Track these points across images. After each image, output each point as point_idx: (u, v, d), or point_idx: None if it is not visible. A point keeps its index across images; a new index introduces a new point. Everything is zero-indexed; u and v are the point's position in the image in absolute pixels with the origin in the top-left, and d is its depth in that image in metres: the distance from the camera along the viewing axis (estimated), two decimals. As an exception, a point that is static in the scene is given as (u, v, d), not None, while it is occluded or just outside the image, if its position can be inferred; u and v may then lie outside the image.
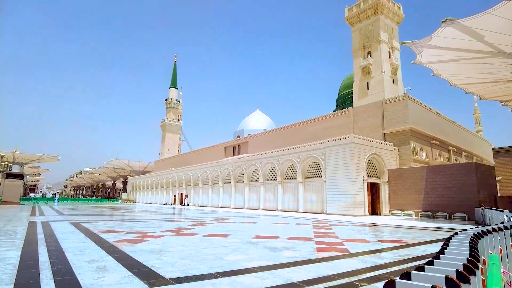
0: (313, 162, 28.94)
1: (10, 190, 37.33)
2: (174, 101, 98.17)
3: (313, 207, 28.06)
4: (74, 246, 7.50)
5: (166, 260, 6.03)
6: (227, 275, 4.96)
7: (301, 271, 5.38)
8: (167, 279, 4.66)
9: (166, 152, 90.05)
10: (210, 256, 6.52)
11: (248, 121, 69.12)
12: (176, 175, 53.97)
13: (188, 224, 14.69)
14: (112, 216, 21.16)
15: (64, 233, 10.13)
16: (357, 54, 39.87)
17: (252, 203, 35.84)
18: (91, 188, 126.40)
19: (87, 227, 12.19)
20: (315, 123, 37.83)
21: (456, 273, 1.85)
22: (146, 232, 11.02)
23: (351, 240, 9.80)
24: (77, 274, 4.84)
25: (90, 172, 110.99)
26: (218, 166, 43.07)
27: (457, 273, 1.85)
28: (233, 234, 10.69)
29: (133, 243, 8.15)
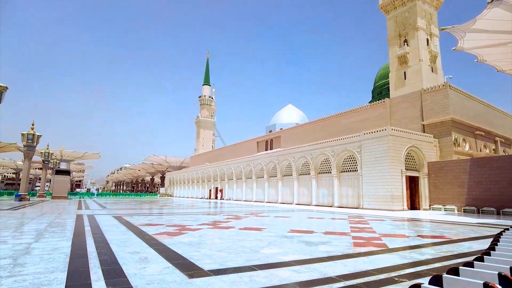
0: (348, 156, 28.32)
1: (59, 185, 39.99)
2: (208, 98, 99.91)
3: (349, 202, 27.52)
4: (118, 238, 7.90)
5: (204, 252, 6.19)
6: (263, 268, 5.01)
7: (337, 265, 5.31)
8: (206, 270, 4.79)
9: (201, 148, 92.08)
10: (246, 249, 6.61)
11: (280, 115, 68.85)
12: (211, 170, 55.06)
13: (223, 218, 14.97)
14: (151, 210, 22.03)
15: (108, 226, 10.69)
16: (392, 43, 38.29)
17: (286, 198, 35.80)
18: (131, 183, 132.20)
19: (129, 220, 12.79)
20: (350, 116, 36.92)
21: (511, 270, 1.73)
22: (184, 225, 11.37)
23: (389, 235, 9.52)
24: (122, 264, 5.10)
25: (129, 168, 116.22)
26: (251, 161, 43.37)
27: (511, 270, 1.74)
28: (268, 228, 10.76)
29: (172, 236, 8.45)
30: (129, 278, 4.28)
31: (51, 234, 8.53)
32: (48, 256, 5.64)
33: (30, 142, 32.20)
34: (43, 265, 4.93)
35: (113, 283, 4.03)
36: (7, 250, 6.16)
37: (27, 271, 4.60)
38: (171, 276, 4.41)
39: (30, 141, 32.19)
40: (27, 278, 4.23)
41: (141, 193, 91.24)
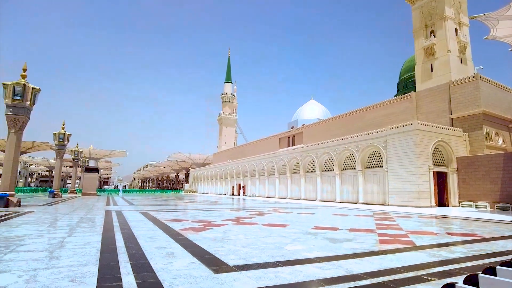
0: (373, 151, 27.74)
1: (88, 182, 41.54)
2: (229, 95, 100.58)
3: (374, 199, 27.00)
4: (145, 234, 8.13)
5: (228, 248, 6.27)
6: (288, 264, 5.01)
7: (363, 262, 5.23)
8: (231, 266, 4.85)
9: (223, 145, 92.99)
10: (270, 245, 6.63)
11: (302, 111, 68.29)
12: (234, 166, 55.49)
13: (247, 214, 15.07)
14: (176, 206, 22.50)
15: (135, 222, 11.02)
16: (418, 34, 37.01)
17: (309, 194, 35.56)
18: (156, 180, 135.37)
19: (155, 216, 13.12)
20: (374, 110, 36.06)
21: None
22: (209, 221, 11.55)
23: (417, 232, 9.27)
24: (149, 259, 5.25)
25: (155, 165, 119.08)
26: (273, 157, 43.34)
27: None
28: (291, 225, 10.74)
29: (197, 231, 8.60)
30: (156, 272, 4.40)
31: (82, 229, 8.89)
32: (81, 250, 5.90)
33: (61, 141, 33.61)
34: (76, 258, 5.16)
35: (141, 277, 4.16)
36: (43, 243, 6.48)
37: (62, 263, 4.83)
38: (197, 271, 4.50)
39: (61, 140, 33.59)
40: (63, 270, 4.44)
41: (167, 189, 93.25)
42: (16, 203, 16.63)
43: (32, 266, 4.63)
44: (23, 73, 17.44)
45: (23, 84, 16.89)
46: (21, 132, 17.31)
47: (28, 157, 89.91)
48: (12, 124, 16.77)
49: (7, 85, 16.64)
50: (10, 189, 16.58)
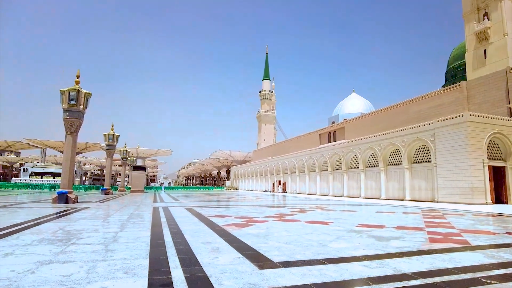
0: (421, 146, 26.38)
1: (136, 180, 43.83)
2: (268, 93, 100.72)
3: (422, 195, 25.70)
4: (191, 229, 8.41)
5: (271, 244, 6.31)
6: (332, 262, 4.94)
7: (412, 262, 5.01)
8: (275, 262, 4.87)
9: (262, 142, 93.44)
10: (314, 243, 6.57)
11: (343, 105, 66.57)
12: (273, 163, 55.57)
13: (288, 211, 15.04)
14: (219, 202, 23.02)
15: (181, 217, 11.44)
16: (469, 18, 34.42)
17: (352, 191, 34.68)
18: (199, 177, 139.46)
19: (199, 212, 13.53)
20: (421, 102, 34.22)
21: None
22: (251, 217, 11.69)
23: (471, 231, 8.69)
24: (196, 253, 5.43)
25: (197, 163, 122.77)
26: (314, 153, 42.78)
27: None
28: (335, 222, 10.55)
29: (240, 227, 8.75)
30: (203, 267, 4.55)
31: (132, 224, 9.41)
32: (132, 244, 6.25)
33: (111, 142, 35.76)
34: (128, 252, 5.48)
35: (189, 271, 4.32)
36: (99, 237, 6.96)
37: (116, 256, 5.15)
38: (242, 266, 4.58)
39: (111, 141, 35.74)
40: (117, 262, 4.74)
41: (209, 186, 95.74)
42: (74, 199, 17.98)
43: (91, 258, 4.99)
44: (76, 79, 18.76)
45: (77, 90, 18.17)
46: (76, 134, 18.65)
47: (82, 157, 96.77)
48: (68, 127, 18.13)
49: (63, 91, 18.00)
50: (69, 187, 17.96)
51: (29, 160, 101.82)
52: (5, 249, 5.58)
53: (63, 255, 5.18)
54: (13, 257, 5.02)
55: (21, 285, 3.63)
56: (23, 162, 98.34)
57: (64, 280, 3.84)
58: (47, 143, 71.24)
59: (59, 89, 18.12)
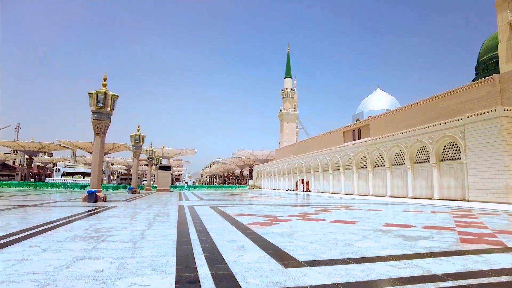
0: (450, 143, 25.46)
1: (162, 179, 44.82)
2: (289, 91, 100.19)
3: (451, 194, 24.80)
4: (215, 227, 8.52)
5: (296, 243, 6.29)
6: (359, 262, 4.86)
7: (443, 263, 4.85)
8: (300, 261, 4.86)
9: (285, 141, 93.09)
10: (339, 242, 6.49)
11: (367, 102, 65.21)
12: (296, 162, 55.26)
13: (312, 210, 14.92)
14: (242, 201, 23.17)
15: (206, 216, 11.60)
16: (502, 7, 32.76)
17: (378, 190, 33.95)
18: (222, 176, 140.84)
19: (223, 211, 13.67)
20: (449, 97, 32.94)
21: None
22: (275, 216, 11.69)
23: (507, 231, 8.29)
24: (221, 251, 5.49)
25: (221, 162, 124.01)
26: (338, 152, 42.19)
27: None
28: (360, 221, 10.37)
29: (264, 226, 8.77)
30: (229, 264, 4.60)
31: (159, 222, 9.64)
32: (160, 241, 6.40)
33: (137, 142, 36.74)
34: (156, 250, 5.62)
35: (215, 268, 4.38)
36: (127, 235, 7.18)
37: (144, 253, 5.30)
38: (267, 265, 4.59)
39: (137, 141, 36.71)
40: (145, 260, 4.87)
41: (232, 185, 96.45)
42: (103, 198, 18.62)
43: (121, 255, 5.16)
44: (103, 82, 19.39)
45: (104, 92, 18.79)
46: (104, 135, 19.29)
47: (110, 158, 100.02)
48: (97, 128, 18.78)
49: (91, 94, 18.67)
50: (98, 186, 18.62)
51: (61, 160, 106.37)
52: (42, 245, 5.87)
53: (95, 251, 5.39)
54: (50, 252, 5.27)
55: (57, 279, 3.81)
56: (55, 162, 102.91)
57: (97, 275, 4.00)
58: (77, 144, 74.18)
59: (87, 92, 18.81)
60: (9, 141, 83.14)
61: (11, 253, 5.22)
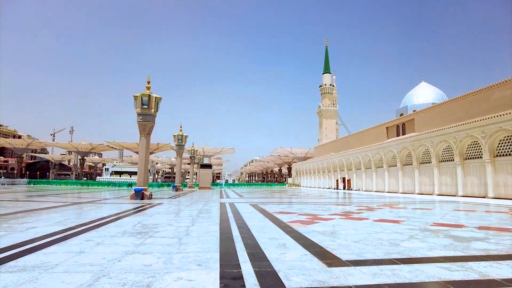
0: (506, 137, 23.56)
1: (204, 177, 46.06)
2: (328, 86, 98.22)
3: (508, 192, 22.96)
4: (257, 224, 8.59)
5: (339, 243, 6.16)
6: (406, 262, 4.66)
7: (501, 267, 4.50)
8: (344, 260, 4.76)
9: (324, 138, 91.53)
10: (385, 242, 6.26)
11: (412, 95, 62.16)
12: (336, 159, 54.12)
13: (355, 209, 14.54)
14: (281, 199, 23.14)
15: (247, 213, 11.74)
16: None
17: (424, 188, 32.29)
18: (261, 174, 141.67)
19: (263, 208, 13.75)
20: (505, 87, 30.41)
21: None
22: (316, 214, 11.55)
23: None
24: (263, 249, 5.53)
25: (259, 160, 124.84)
26: (381, 148, 40.69)
27: None
28: (406, 220, 9.93)
29: (305, 224, 8.69)
30: (271, 262, 4.62)
31: (202, 219, 9.91)
32: (203, 238, 6.59)
33: (180, 142, 38.01)
34: (200, 246, 5.78)
35: (258, 265, 4.42)
36: (173, 231, 7.47)
37: (189, 249, 5.48)
38: (310, 264, 4.55)
39: (180, 141, 37.98)
40: (190, 255, 5.04)
41: (271, 183, 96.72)
42: (149, 196, 19.51)
43: (167, 250, 5.38)
44: (147, 85, 20.28)
45: (148, 95, 19.65)
46: (149, 136, 20.17)
47: (154, 157, 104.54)
48: (142, 129, 19.69)
49: (136, 97, 19.61)
50: (144, 184, 19.53)
51: (110, 160, 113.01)
52: (96, 239, 6.29)
53: (143, 246, 5.66)
54: (103, 246, 5.63)
55: (111, 271, 4.06)
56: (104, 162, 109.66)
57: (146, 269, 4.21)
58: (124, 144, 78.47)
59: (132, 95, 19.78)
60: (64, 143, 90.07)
61: (70, 245, 5.65)
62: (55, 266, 4.29)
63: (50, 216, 10.27)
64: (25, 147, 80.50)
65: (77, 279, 3.74)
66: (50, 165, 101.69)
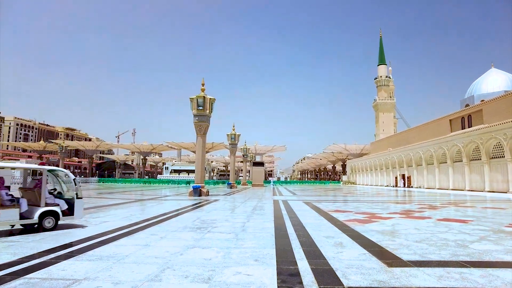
0: None
1: (256, 175, 46.72)
2: (384, 78, 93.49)
3: None
4: (311, 222, 8.52)
5: (399, 242, 5.89)
6: (477, 266, 4.30)
7: None
8: (405, 261, 4.54)
9: (381, 133, 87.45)
10: (450, 243, 5.85)
11: (479, 84, 56.71)
12: (395, 155, 51.44)
13: (416, 207, 13.73)
14: (336, 197, 22.63)
15: (301, 211, 11.69)
16: None
17: (495, 185, 29.37)
18: (314, 171, 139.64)
19: (318, 206, 13.57)
20: None
21: None
22: (373, 213, 11.12)
23: None
24: (319, 247, 5.49)
25: (311, 157, 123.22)
26: (444, 142, 37.82)
27: None
28: (476, 220, 9.15)
29: (363, 223, 8.42)
30: (328, 260, 4.57)
31: (257, 215, 10.09)
32: (259, 234, 6.71)
33: (233, 141, 38.97)
34: (256, 242, 5.91)
35: (314, 263, 4.40)
36: (229, 227, 7.72)
37: (246, 245, 5.63)
38: (369, 263, 4.42)
39: (233, 140, 38.93)
40: (247, 250, 5.18)
41: (324, 181, 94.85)
42: (206, 193, 20.32)
43: (225, 245, 5.58)
44: (202, 87, 21.09)
45: (203, 96, 20.44)
46: (205, 136, 20.98)
47: (209, 156, 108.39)
48: (198, 129, 20.55)
49: (192, 99, 20.51)
50: (201, 182, 20.39)
51: (169, 159, 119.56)
52: (159, 233, 6.73)
53: (202, 241, 5.94)
54: (166, 240, 6.01)
55: (175, 264, 4.34)
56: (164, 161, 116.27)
57: (206, 263, 4.42)
58: (182, 144, 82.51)
59: (189, 97, 20.71)
60: (128, 144, 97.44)
61: (137, 239, 6.12)
62: (125, 257, 4.69)
63: (118, 211, 11.21)
64: (95, 148, 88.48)
65: (145, 270, 4.05)
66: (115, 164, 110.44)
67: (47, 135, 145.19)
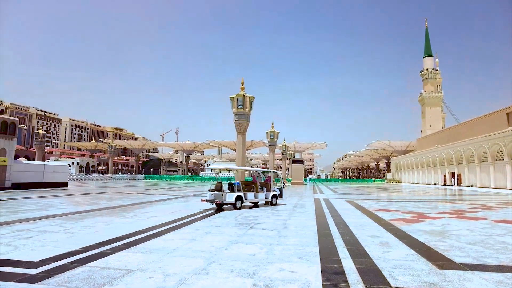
0: None
1: (296, 173, 46.46)
2: (431, 71, 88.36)
3: None
4: (355, 221, 8.34)
5: (450, 243, 5.59)
6: (541, 272, 3.98)
7: None
8: (458, 263, 4.31)
9: (428, 129, 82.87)
10: (510, 246, 5.44)
11: (541, 75, 51.70)
12: (443, 152, 48.58)
13: (468, 207, 12.89)
14: (380, 195, 21.87)
15: (343, 210, 11.46)
16: None
17: None
18: (356, 169, 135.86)
19: (361, 205, 13.22)
20: None
21: None
22: (421, 212, 10.63)
23: None
24: (364, 246, 5.37)
25: (353, 155, 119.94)
26: (500, 138, 35.07)
27: None
28: (538, 222, 8.42)
29: (409, 223, 8.09)
30: (373, 260, 4.47)
31: (298, 213, 10.07)
32: (301, 232, 6.71)
33: (272, 138, 39.07)
34: (298, 239, 5.91)
35: (359, 262, 4.33)
36: (271, 223, 7.78)
37: (288, 242, 5.66)
38: (417, 264, 4.26)
39: (272, 137, 39.02)
40: (290, 248, 5.20)
41: (367, 179, 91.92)
42: (246, 190, 20.60)
43: (268, 242, 5.65)
44: (241, 86, 21.35)
45: (243, 95, 20.70)
46: (245, 134, 21.25)
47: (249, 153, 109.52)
48: (238, 128, 20.86)
49: (232, 98, 20.85)
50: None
51: (210, 157, 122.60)
52: (204, 228, 6.97)
53: (246, 237, 6.06)
54: (211, 235, 6.21)
55: (220, 258, 4.48)
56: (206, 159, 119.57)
57: (250, 258, 4.51)
58: (222, 143, 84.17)
59: (229, 96, 21.07)
60: (172, 143, 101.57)
61: (184, 233, 6.38)
62: (173, 250, 4.92)
63: (164, 207, 11.73)
64: (141, 147, 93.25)
65: (192, 263, 4.23)
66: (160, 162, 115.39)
67: (97, 135, 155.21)
